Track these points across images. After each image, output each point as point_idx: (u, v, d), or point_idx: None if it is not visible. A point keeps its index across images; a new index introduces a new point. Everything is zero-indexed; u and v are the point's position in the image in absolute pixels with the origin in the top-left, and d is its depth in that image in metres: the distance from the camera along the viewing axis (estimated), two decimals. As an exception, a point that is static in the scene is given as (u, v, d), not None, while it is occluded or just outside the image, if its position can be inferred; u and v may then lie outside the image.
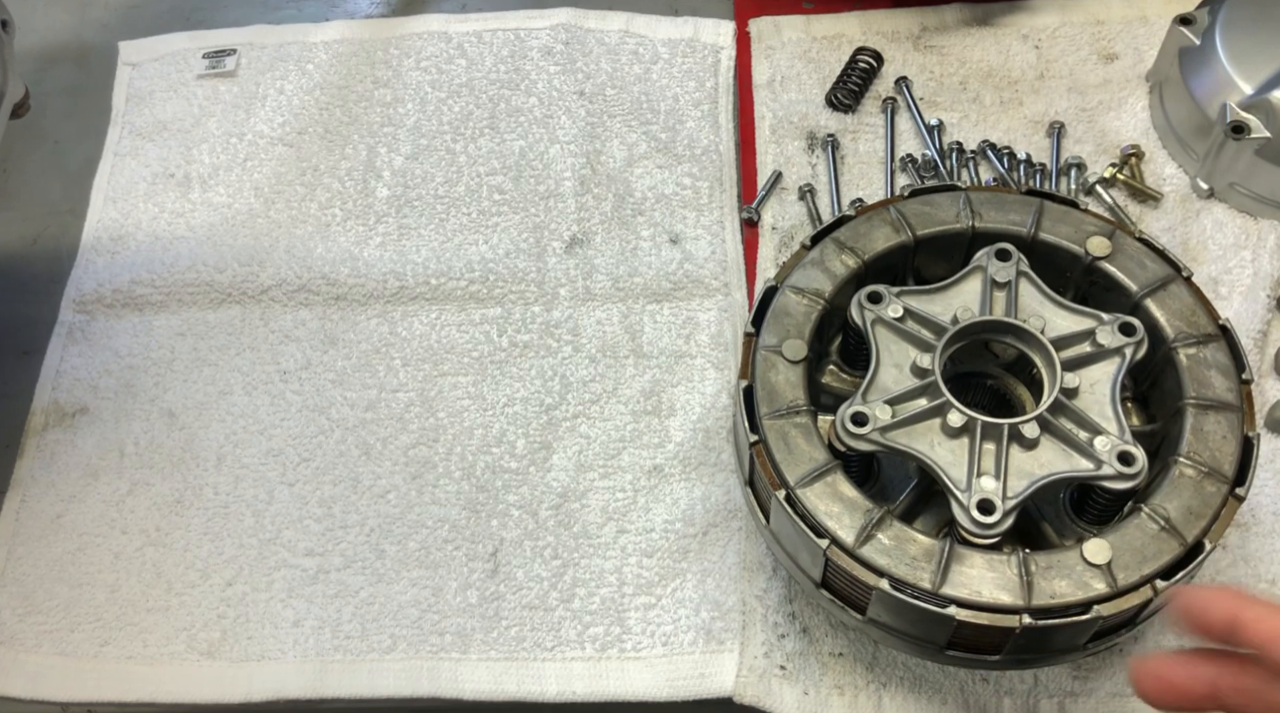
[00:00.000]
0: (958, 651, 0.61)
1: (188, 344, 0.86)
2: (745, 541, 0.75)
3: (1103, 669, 0.69)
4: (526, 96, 0.96)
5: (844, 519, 0.60)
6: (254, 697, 0.73)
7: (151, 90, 1.00)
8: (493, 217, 0.90)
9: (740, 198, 0.91)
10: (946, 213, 0.70)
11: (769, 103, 0.94)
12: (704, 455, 0.79)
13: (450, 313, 0.86)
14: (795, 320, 0.67)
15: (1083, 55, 0.94)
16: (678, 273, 0.86)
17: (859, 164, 0.90)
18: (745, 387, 0.65)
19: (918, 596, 0.58)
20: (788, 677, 0.70)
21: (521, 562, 0.76)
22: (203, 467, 0.81)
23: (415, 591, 0.75)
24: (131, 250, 0.91)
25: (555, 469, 0.79)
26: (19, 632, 0.76)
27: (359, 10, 1.05)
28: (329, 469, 0.80)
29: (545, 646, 0.73)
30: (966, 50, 0.95)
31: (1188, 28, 0.86)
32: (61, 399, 0.84)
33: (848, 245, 0.69)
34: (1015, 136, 0.90)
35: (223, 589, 0.76)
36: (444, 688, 0.72)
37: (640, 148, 0.93)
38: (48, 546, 0.78)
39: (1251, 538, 0.73)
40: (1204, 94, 0.84)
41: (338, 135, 0.95)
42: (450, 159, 0.93)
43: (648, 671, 0.72)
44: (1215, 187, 0.85)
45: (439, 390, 0.83)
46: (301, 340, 0.85)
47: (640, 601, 0.74)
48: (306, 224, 0.91)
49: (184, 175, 0.94)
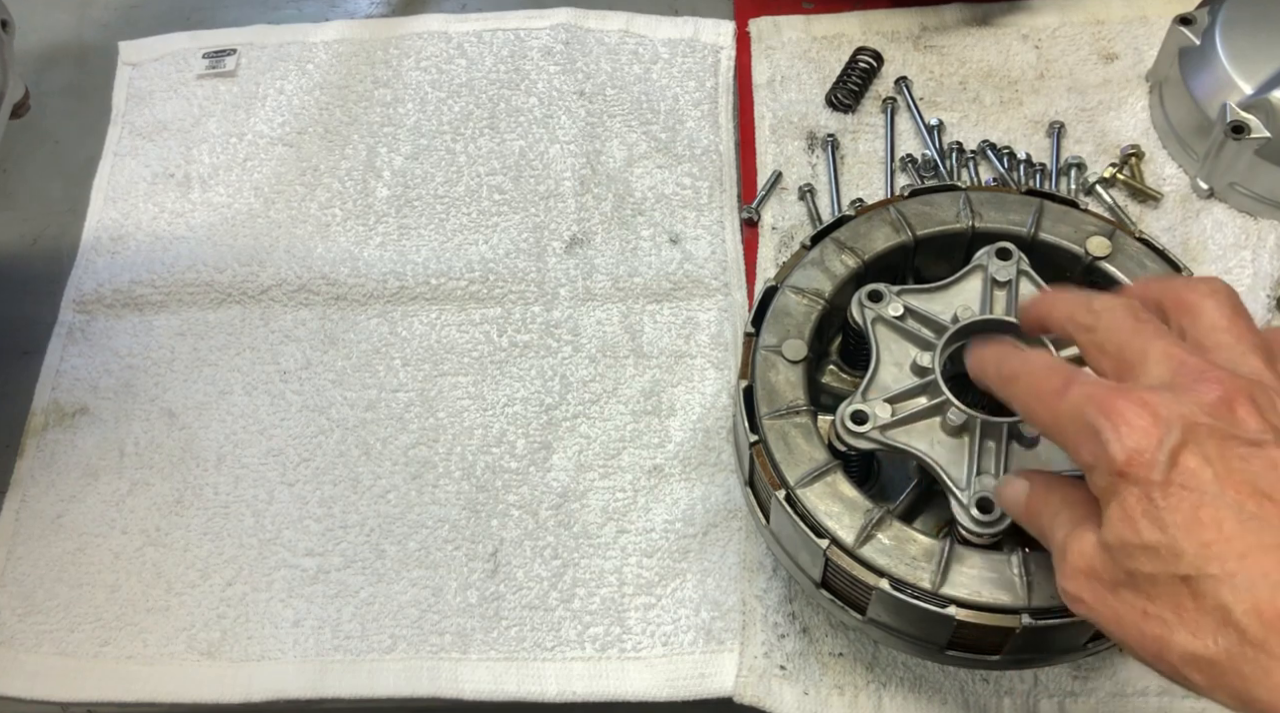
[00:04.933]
0: (958, 651, 0.61)
1: (188, 344, 0.86)
2: (745, 541, 0.75)
3: (1103, 669, 0.70)
4: (526, 96, 0.96)
5: (844, 519, 0.60)
6: (254, 697, 0.73)
7: (151, 90, 1.00)
8: (493, 217, 0.90)
9: (740, 198, 0.91)
10: (946, 213, 0.70)
11: (769, 103, 0.94)
12: (704, 455, 0.79)
13: (450, 313, 0.86)
14: (795, 320, 0.67)
15: (1083, 55, 0.94)
16: (678, 273, 0.86)
17: (859, 164, 0.90)
18: (745, 387, 0.65)
19: (918, 596, 0.58)
20: (788, 677, 0.70)
21: (521, 562, 0.76)
22: (203, 467, 0.81)
23: (415, 591, 0.75)
24: (131, 250, 0.91)
25: (555, 469, 0.79)
26: (19, 632, 0.76)
27: (359, 10, 1.05)
28: (329, 469, 0.80)
29: (545, 646, 0.73)
30: (966, 50, 0.95)
31: (1188, 28, 0.86)
32: (61, 399, 0.84)
33: (848, 245, 0.69)
34: (1015, 136, 0.90)
35: (223, 589, 0.76)
36: (444, 688, 0.72)
37: (640, 148, 0.93)
38: (48, 546, 0.79)
39: (1251, 538, 0.73)
40: (1204, 94, 0.84)
41: (338, 135, 0.95)
42: (450, 159, 0.93)
43: (648, 671, 0.72)
44: (1215, 186, 0.85)
45: (439, 390, 0.83)
46: (301, 340, 0.85)
47: (640, 601, 0.74)
48: (306, 224, 0.91)
49: (184, 175, 0.94)
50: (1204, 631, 0.42)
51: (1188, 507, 0.43)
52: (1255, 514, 0.42)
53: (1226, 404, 0.44)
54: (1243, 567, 0.41)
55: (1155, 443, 0.43)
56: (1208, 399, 0.44)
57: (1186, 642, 0.42)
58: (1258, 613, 0.40)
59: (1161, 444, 0.43)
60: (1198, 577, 0.42)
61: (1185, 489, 0.43)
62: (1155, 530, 0.43)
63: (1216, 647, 0.41)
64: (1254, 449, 0.43)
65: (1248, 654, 0.41)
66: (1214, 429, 0.43)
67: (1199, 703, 0.68)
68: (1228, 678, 0.41)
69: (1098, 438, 0.45)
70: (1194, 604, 0.42)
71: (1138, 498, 0.44)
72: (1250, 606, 0.41)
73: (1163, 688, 0.69)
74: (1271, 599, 0.40)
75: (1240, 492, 0.42)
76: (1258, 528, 0.42)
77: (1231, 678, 0.41)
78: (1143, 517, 0.43)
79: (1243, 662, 0.41)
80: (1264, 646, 0.40)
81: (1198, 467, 0.43)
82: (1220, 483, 0.42)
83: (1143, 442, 0.44)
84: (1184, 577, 0.42)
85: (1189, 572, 0.42)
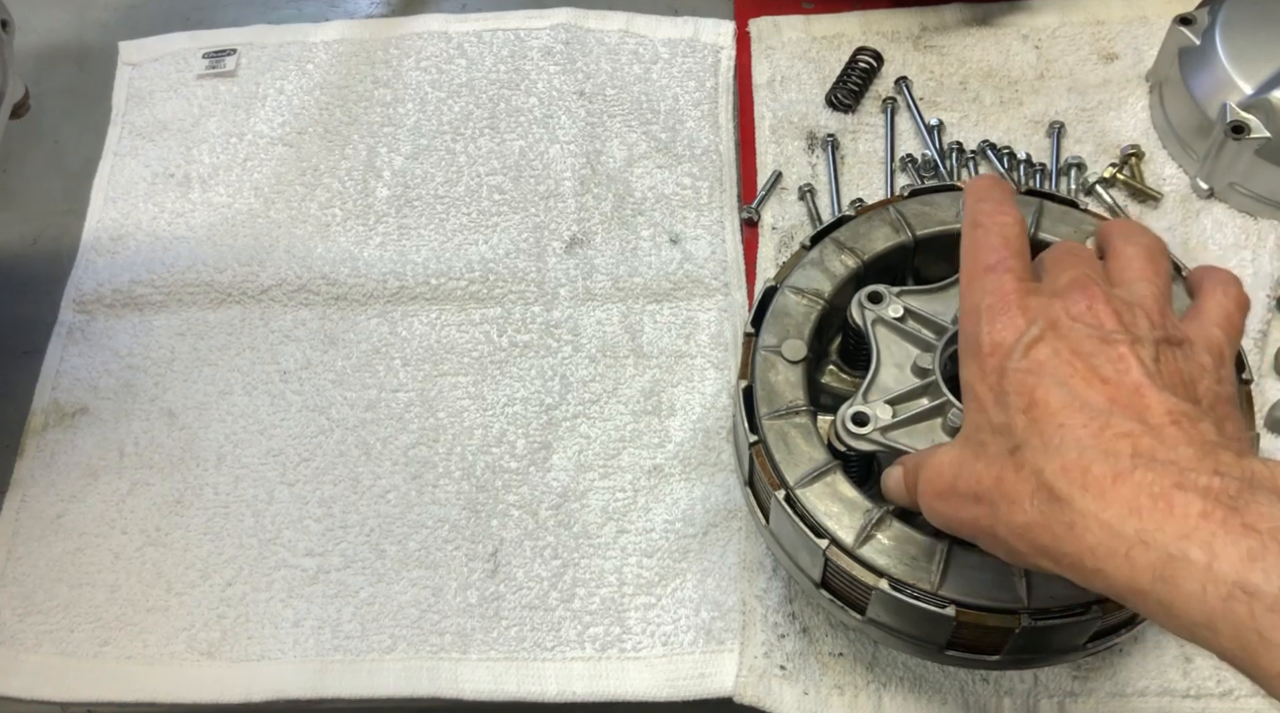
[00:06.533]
0: (958, 651, 0.61)
1: (188, 344, 0.86)
2: (745, 541, 0.75)
3: (1103, 669, 0.70)
4: (526, 96, 0.96)
5: (843, 519, 0.60)
6: (254, 697, 0.73)
7: (151, 90, 1.00)
8: (493, 217, 0.90)
9: (740, 198, 0.91)
10: (946, 213, 0.70)
11: (769, 103, 0.94)
12: (704, 455, 0.79)
13: (450, 313, 0.86)
14: (795, 320, 0.67)
15: (1083, 55, 0.94)
16: (678, 273, 0.86)
17: (859, 164, 0.90)
18: (745, 387, 0.65)
19: (917, 596, 0.58)
20: (788, 677, 0.70)
21: (521, 562, 0.76)
22: (203, 467, 0.81)
23: (415, 591, 0.75)
24: (131, 250, 0.91)
25: (555, 469, 0.79)
26: (19, 632, 0.76)
27: (359, 10, 1.05)
28: (329, 469, 0.80)
29: (545, 646, 0.73)
30: (966, 50, 0.95)
31: (1188, 28, 0.86)
32: (61, 399, 0.84)
33: (847, 245, 0.69)
34: (1015, 136, 0.90)
35: (223, 589, 0.76)
36: (444, 688, 0.72)
37: (640, 148, 0.93)
38: (48, 546, 0.79)
39: (1251, 538, 0.73)
40: (1204, 94, 0.84)
41: (338, 135, 0.95)
42: (450, 159, 0.93)
43: (648, 671, 0.72)
44: (1215, 186, 0.85)
45: (439, 390, 0.83)
46: (301, 340, 0.85)
47: (640, 601, 0.74)
48: (306, 224, 0.91)
49: (184, 175, 0.94)
50: (1022, 496, 0.46)
51: (1027, 389, 0.47)
52: (1081, 393, 0.46)
53: (1091, 310, 0.49)
54: (1059, 434, 0.45)
55: (1016, 336, 0.49)
56: (1078, 306, 0.50)
57: (1009, 513, 0.46)
58: (1064, 473, 0.44)
59: (1021, 338, 0.49)
60: (1022, 446, 0.46)
61: (1029, 374, 0.48)
62: (1000, 411, 0.48)
63: (1032, 509, 0.45)
64: (1104, 344, 0.48)
65: (1056, 513, 0.44)
66: (1074, 328, 0.49)
67: (1199, 703, 0.68)
68: (1042, 539, 0.45)
69: (979, 323, 0.51)
70: (1015, 475, 0.46)
71: (990, 385, 0.49)
72: (1059, 467, 0.44)
73: (1163, 688, 0.69)
74: (1078, 460, 0.44)
75: (1077, 375, 0.47)
76: (1080, 404, 0.46)
77: (1044, 537, 0.45)
78: (992, 400, 0.49)
79: (1053, 520, 0.44)
80: (1070, 502, 0.44)
81: (1046, 357, 0.48)
82: (1061, 369, 0.47)
83: (1007, 335, 0.49)
84: (1012, 449, 0.47)
85: (1016, 443, 0.47)
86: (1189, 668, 0.69)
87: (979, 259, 0.54)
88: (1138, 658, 0.70)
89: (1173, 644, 0.70)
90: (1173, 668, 0.69)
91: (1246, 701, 0.68)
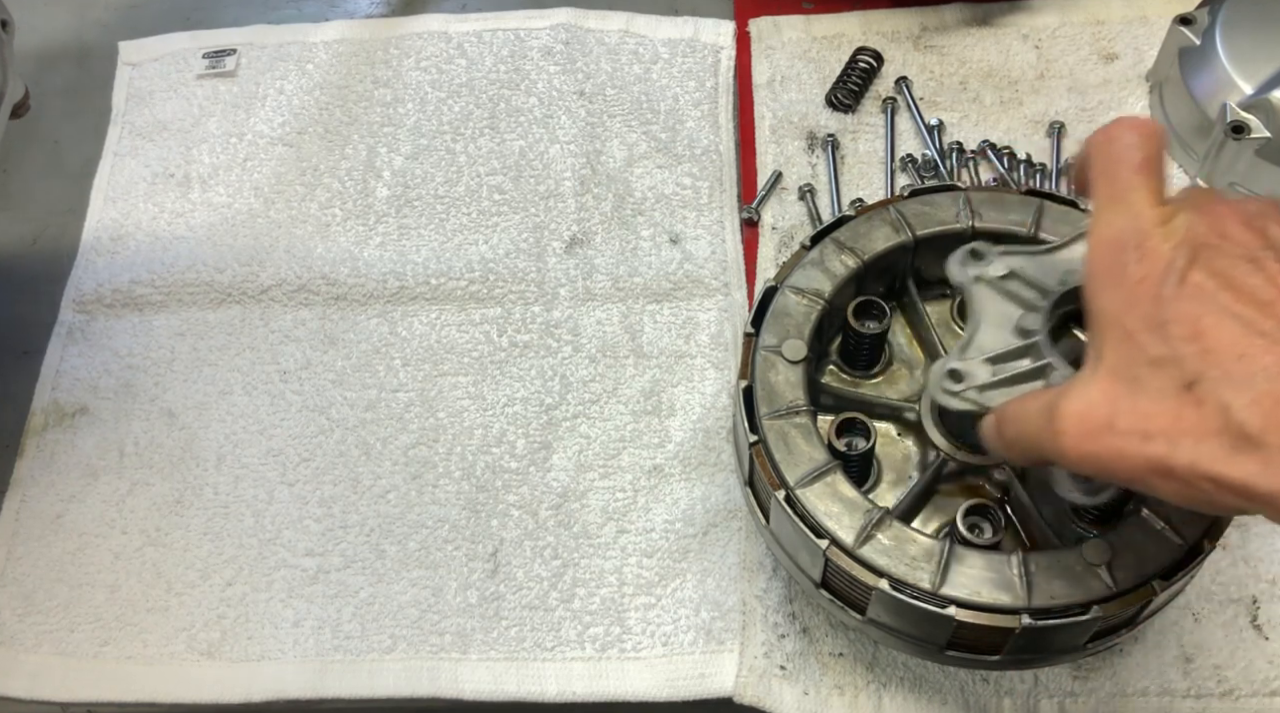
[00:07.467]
0: (958, 651, 0.61)
1: (188, 344, 0.86)
2: (745, 541, 0.75)
3: (1103, 669, 0.70)
4: (526, 96, 0.96)
5: (843, 519, 0.60)
6: (254, 697, 0.73)
7: (151, 90, 1.00)
8: (493, 217, 0.90)
9: (740, 198, 0.91)
10: (946, 213, 0.70)
11: (769, 103, 0.94)
12: (704, 455, 0.79)
13: (450, 313, 0.86)
14: (795, 320, 0.67)
15: (1083, 55, 0.94)
16: (678, 273, 0.86)
17: (859, 164, 0.90)
18: (745, 387, 0.65)
19: (917, 596, 0.58)
20: (788, 677, 0.70)
21: (521, 562, 0.76)
22: (203, 467, 0.81)
23: (415, 591, 0.75)
24: (131, 250, 0.91)
25: (555, 469, 0.79)
26: (19, 632, 0.76)
27: (359, 10, 1.05)
28: (329, 469, 0.80)
29: (545, 646, 0.73)
30: (966, 50, 0.95)
31: (1188, 28, 0.86)
32: (61, 399, 0.84)
33: (847, 245, 0.69)
34: (1015, 136, 0.90)
35: (223, 589, 0.76)
36: (444, 688, 0.72)
37: (640, 148, 0.93)
38: (48, 546, 0.79)
39: (1252, 538, 0.73)
40: (1204, 94, 0.84)
41: (338, 135, 0.95)
42: (450, 159, 0.93)
43: (648, 671, 0.72)
44: (1215, 186, 0.85)
45: (439, 390, 0.83)
46: (301, 340, 0.85)
47: (640, 601, 0.74)
48: (306, 224, 0.91)
49: (184, 175, 0.94)
50: (1208, 434, 0.43)
51: (1190, 318, 0.44)
52: (1250, 319, 0.44)
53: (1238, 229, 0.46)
54: (1241, 366, 0.43)
55: (1165, 264, 0.46)
56: (1222, 226, 0.47)
57: (1194, 452, 0.43)
58: (1258, 405, 0.42)
59: (1173, 263, 0.46)
60: (1199, 380, 0.43)
61: (1190, 301, 0.45)
62: (1158, 343, 0.45)
63: (1222, 447, 0.42)
64: (1253, 266, 0.45)
65: (1251, 449, 0.42)
66: (1221, 249, 0.46)
67: (1199, 703, 0.68)
68: (1234, 477, 0.42)
69: (1122, 252, 0.48)
70: (1196, 411, 0.43)
71: (1143, 315, 0.46)
72: (1250, 399, 0.42)
73: (1163, 688, 0.69)
74: (1270, 389, 0.42)
75: (1241, 300, 0.44)
76: (1257, 331, 0.43)
77: (1237, 475, 0.42)
78: (1146, 331, 0.45)
79: (1248, 457, 0.42)
80: (1264, 436, 0.41)
81: (1202, 281, 0.45)
82: (1222, 295, 0.44)
83: (1155, 263, 0.46)
84: (1187, 384, 0.44)
85: (1191, 377, 0.44)
86: (1189, 668, 0.69)
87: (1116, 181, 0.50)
88: (1138, 658, 0.70)
89: (1173, 644, 0.70)
90: (1173, 668, 0.69)
91: (1247, 701, 0.68)
